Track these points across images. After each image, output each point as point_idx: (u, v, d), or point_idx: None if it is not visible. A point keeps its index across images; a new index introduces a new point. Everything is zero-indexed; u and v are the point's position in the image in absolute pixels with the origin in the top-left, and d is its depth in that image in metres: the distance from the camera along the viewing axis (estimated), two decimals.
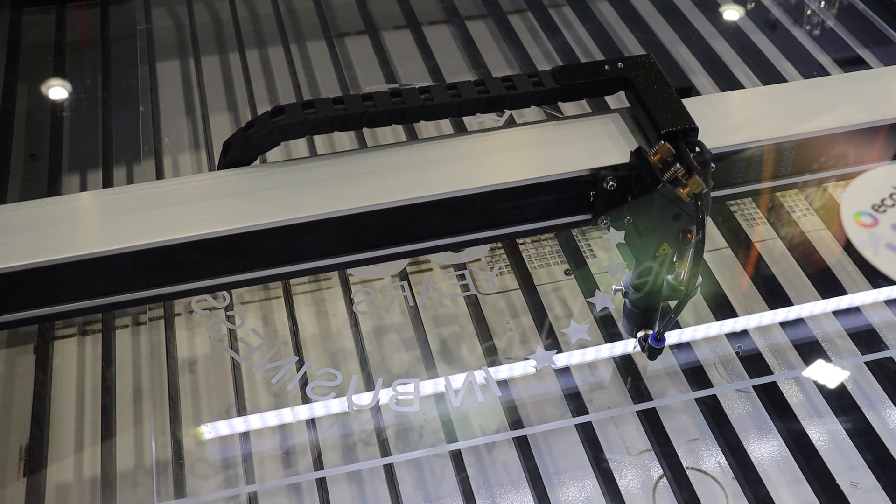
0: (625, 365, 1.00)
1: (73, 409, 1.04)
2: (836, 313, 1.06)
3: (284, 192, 0.74)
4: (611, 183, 0.76)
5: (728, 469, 0.95)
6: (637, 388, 0.98)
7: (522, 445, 0.94)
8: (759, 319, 1.08)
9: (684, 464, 0.93)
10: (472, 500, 0.91)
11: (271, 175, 0.75)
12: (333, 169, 0.76)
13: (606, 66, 0.81)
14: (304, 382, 0.97)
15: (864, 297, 1.08)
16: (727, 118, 0.81)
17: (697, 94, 0.91)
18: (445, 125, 1.25)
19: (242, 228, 0.71)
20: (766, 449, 0.99)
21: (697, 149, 0.72)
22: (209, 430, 0.99)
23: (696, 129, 0.74)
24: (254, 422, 0.99)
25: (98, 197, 0.74)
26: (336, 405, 0.97)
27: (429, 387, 0.97)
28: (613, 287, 0.84)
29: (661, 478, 0.97)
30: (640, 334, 0.82)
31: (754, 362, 1.01)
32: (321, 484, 0.92)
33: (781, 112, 0.81)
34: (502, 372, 0.99)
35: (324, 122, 0.75)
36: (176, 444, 0.94)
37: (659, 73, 0.81)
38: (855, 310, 1.06)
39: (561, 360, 0.99)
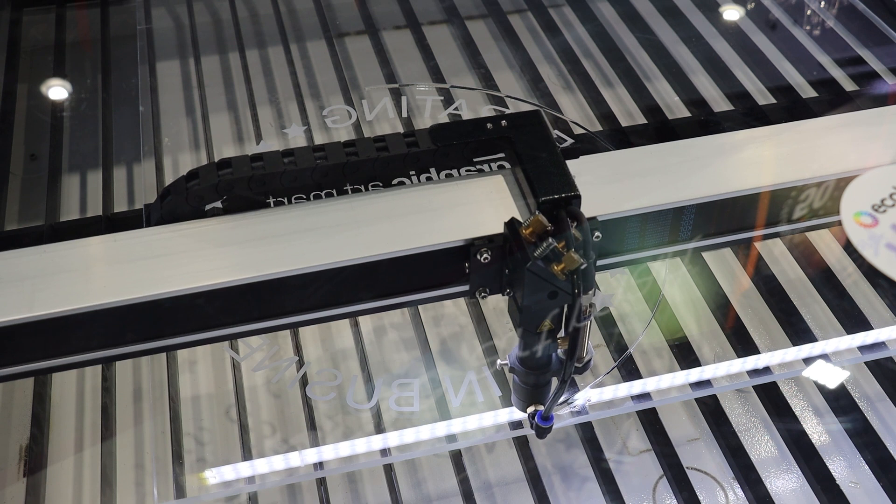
0: (625, 364, 1.00)
1: (73, 409, 1.04)
2: (836, 313, 1.06)
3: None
4: (484, 255, 0.70)
5: (728, 469, 0.95)
6: (636, 385, 0.98)
7: (522, 445, 0.94)
8: (758, 321, 1.08)
9: (684, 464, 0.93)
10: (472, 500, 0.91)
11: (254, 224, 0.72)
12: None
13: (489, 124, 0.73)
14: (304, 382, 0.97)
15: (864, 297, 1.08)
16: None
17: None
18: None
19: (248, 279, 0.69)
20: (766, 449, 0.99)
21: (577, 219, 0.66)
22: (209, 431, 0.99)
23: (579, 197, 0.68)
24: (253, 423, 0.99)
25: (99, 244, 0.72)
26: (336, 405, 0.97)
27: (429, 387, 0.97)
28: (499, 362, 0.78)
29: (661, 478, 0.97)
30: (529, 410, 0.76)
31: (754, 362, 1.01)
32: (321, 483, 0.92)
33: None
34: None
35: (272, 177, 0.71)
36: (176, 444, 0.94)
37: (545, 130, 0.73)
38: (855, 309, 1.06)
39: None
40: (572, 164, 0.73)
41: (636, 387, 0.96)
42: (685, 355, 1.01)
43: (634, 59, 1.43)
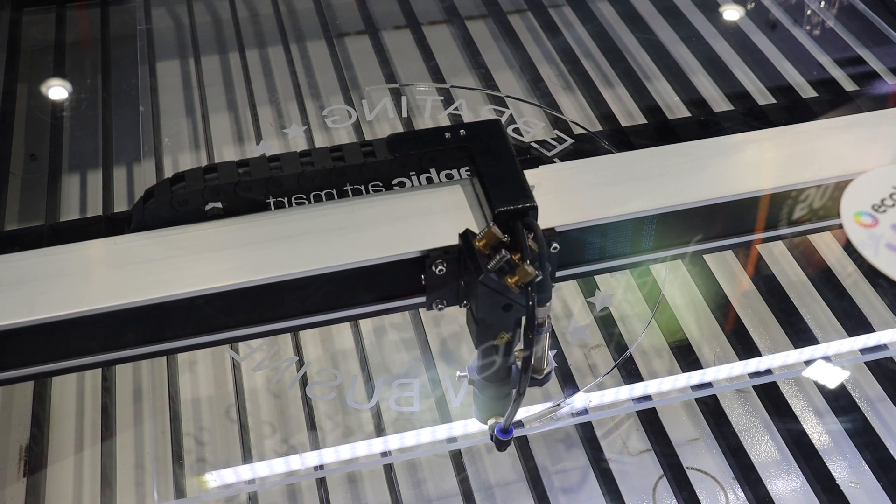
0: (625, 364, 1.00)
1: (73, 409, 1.04)
2: (836, 313, 1.06)
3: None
4: (440, 267, 0.69)
5: (728, 469, 0.95)
6: (637, 388, 0.98)
7: (522, 446, 0.94)
8: (758, 321, 1.08)
9: (684, 464, 0.93)
10: (471, 500, 0.91)
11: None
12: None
13: (447, 134, 0.72)
14: (304, 382, 0.97)
15: (864, 297, 1.08)
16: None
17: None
18: None
19: (251, 282, 0.69)
20: (766, 449, 0.99)
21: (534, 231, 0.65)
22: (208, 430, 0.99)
23: (535, 208, 0.67)
24: (253, 423, 0.99)
25: (99, 247, 0.71)
26: (336, 405, 0.97)
27: (429, 387, 0.97)
28: (458, 374, 0.77)
29: (661, 478, 0.97)
30: (490, 422, 0.76)
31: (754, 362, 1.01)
32: (321, 483, 0.92)
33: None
34: None
35: (227, 187, 0.70)
36: (176, 444, 0.94)
37: (504, 140, 0.72)
38: (855, 309, 1.06)
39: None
40: (531, 175, 0.72)
41: (637, 388, 0.96)
42: (685, 356, 1.01)
43: (634, 59, 1.43)
